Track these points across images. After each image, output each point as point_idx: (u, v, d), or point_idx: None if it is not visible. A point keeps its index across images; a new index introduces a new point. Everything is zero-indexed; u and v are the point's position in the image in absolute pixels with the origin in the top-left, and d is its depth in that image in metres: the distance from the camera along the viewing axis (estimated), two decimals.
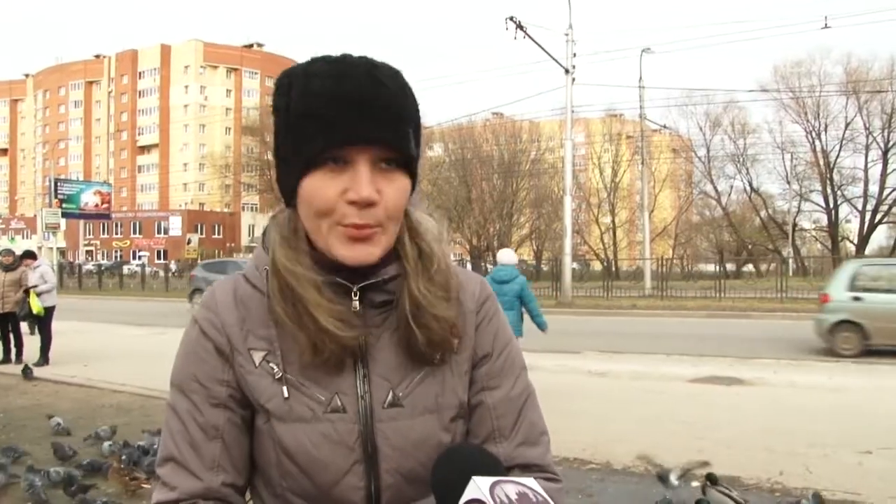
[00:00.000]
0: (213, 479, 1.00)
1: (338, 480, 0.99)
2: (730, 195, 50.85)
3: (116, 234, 75.84)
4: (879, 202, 44.52)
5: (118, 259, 67.73)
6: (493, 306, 1.11)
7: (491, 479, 0.86)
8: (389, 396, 1.00)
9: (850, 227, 48.58)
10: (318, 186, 0.95)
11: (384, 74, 0.97)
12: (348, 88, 0.94)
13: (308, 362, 0.99)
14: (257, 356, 1.01)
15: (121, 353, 11.67)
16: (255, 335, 1.02)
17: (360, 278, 1.00)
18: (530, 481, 0.87)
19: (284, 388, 0.99)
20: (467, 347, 1.06)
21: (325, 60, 0.99)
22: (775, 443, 5.72)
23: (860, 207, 45.33)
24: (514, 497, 0.84)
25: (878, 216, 45.07)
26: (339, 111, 0.94)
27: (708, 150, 49.36)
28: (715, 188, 49.89)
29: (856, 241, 46.01)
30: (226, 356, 1.02)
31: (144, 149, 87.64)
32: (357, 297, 1.00)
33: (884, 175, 44.05)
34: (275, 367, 1.00)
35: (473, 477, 0.87)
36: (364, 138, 0.93)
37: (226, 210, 79.02)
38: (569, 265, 23.99)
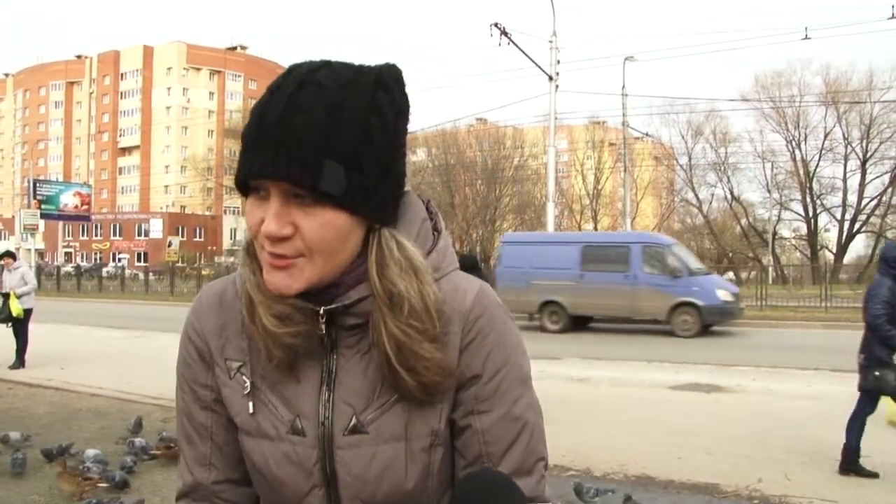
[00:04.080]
0: (205, 476, 1.03)
1: (299, 500, 0.98)
2: (711, 203, 51.35)
3: (96, 235, 75.08)
4: (858, 211, 45.09)
5: (98, 261, 67.02)
6: (490, 324, 1.00)
7: None
8: (353, 422, 0.97)
9: (830, 236, 49.14)
10: (248, 212, 0.94)
11: (315, 92, 0.90)
12: (267, 113, 0.90)
13: (268, 368, 0.98)
14: (233, 366, 1.01)
15: (98, 356, 11.53)
16: (231, 345, 1.01)
17: (326, 301, 0.95)
18: None
19: (250, 404, 0.99)
20: None
21: (284, 72, 0.94)
22: (754, 450, 5.74)
23: (839, 217, 45.91)
24: None
25: (857, 225, 45.63)
26: (251, 141, 0.91)
27: (690, 159, 49.83)
28: (696, 196, 50.35)
29: (835, 250, 46.51)
30: (207, 362, 1.03)
31: (125, 150, 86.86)
32: (324, 321, 0.96)
33: (862, 185, 44.69)
34: (245, 380, 0.99)
35: None
36: (265, 174, 0.89)
37: (207, 213, 78.49)
38: None
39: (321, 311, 0.95)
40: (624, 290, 15.29)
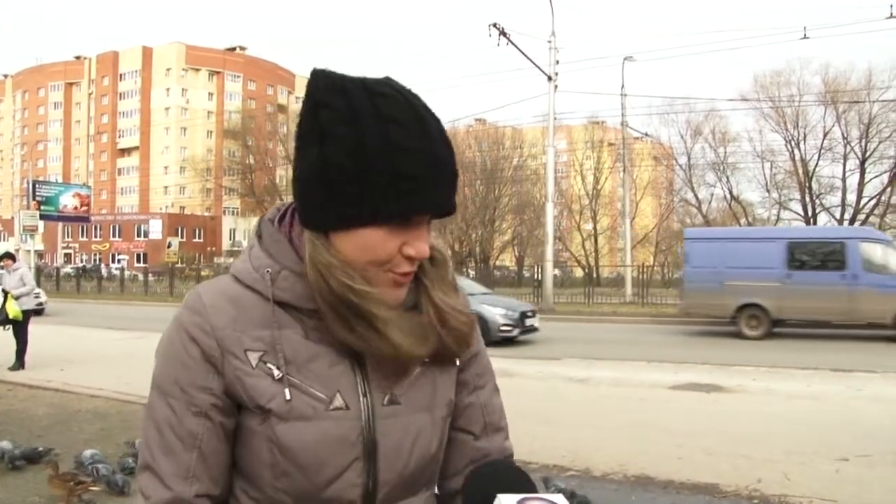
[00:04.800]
0: (187, 490, 0.98)
1: (336, 477, 0.99)
2: (710, 203, 51.22)
3: (96, 237, 75.07)
4: (857, 211, 45.06)
5: (97, 262, 66.99)
6: (472, 313, 1.16)
7: (517, 497, 0.85)
8: (388, 394, 1.03)
9: None
10: (381, 240, 0.97)
11: (442, 126, 1.00)
12: (434, 150, 0.97)
13: (295, 351, 1.00)
14: (254, 357, 0.99)
15: (98, 358, 11.54)
16: (249, 336, 1.00)
17: None
18: (559, 498, 0.86)
19: (286, 391, 0.98)
20: None
21: (395, 100, 0.97)
22: (754, 450, 5.75)
23: (838, 216, 45.87)
24: None
25: (856, 225, 45.58)
26: (429, 179, 0.96)
27: (689, 158, 49.69)
28: (696, 196, 50.25)
29: None
30: (214, 362, 1.00)
31: (125, 151, 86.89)
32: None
33: (861, 184, 44.63)
34: (273, 367, 0.99)
35: (498, 495, 0.86)
36: (448, 209, 0.99)
37: (207, 214, 78.46)
38: (550, 271, 24.07)
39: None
40: (840, 291, 13.88)
